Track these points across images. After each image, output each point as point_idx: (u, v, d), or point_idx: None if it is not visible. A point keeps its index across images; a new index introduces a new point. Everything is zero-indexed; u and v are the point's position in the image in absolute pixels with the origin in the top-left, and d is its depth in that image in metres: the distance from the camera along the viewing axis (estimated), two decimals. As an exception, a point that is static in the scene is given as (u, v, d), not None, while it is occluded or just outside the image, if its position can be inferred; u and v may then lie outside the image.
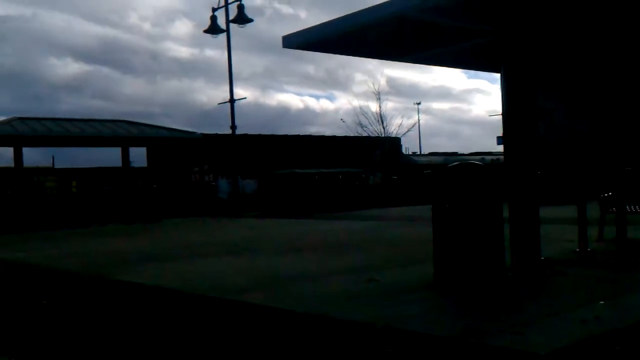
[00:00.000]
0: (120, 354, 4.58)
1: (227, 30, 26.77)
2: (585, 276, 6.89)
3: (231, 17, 25.97)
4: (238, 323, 5.54)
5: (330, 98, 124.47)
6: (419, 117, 68.61)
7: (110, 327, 5.58)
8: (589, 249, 8.76)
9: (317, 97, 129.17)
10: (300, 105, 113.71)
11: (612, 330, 4.53)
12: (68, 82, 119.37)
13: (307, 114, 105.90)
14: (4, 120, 24.28)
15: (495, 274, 6.49)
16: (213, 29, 26.23)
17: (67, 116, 25.46)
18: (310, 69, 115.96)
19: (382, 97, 75.58)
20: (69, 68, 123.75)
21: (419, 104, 72.98)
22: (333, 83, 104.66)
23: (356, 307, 5.79)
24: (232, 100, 27.77)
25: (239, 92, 27.77)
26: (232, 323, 5.55)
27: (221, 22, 26.37)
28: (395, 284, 6.95)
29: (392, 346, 4.35)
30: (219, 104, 30.00)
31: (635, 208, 9.56)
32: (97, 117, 27.71)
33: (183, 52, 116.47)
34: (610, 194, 9.66)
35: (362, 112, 46.01)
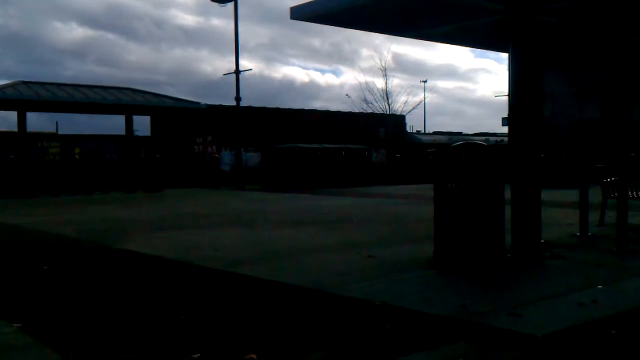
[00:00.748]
0: (116, 321, 4.60)
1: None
2: (585, 260, 6.88)
3: (239, -14, 25.71)
4: (236, 295, 5.55)
5: (336, 73, 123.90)
6: (424, 95, 68.47)
7: (109, 296, 5.60)
8: (589, 234, 8.76)
9: (323, 72, 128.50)
10: (306, 79, 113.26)
11: (609, 315, 4.53)
12: (72, 47, 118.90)
13: (312, 88, 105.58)
14: (9, 83, 24.21)
15: (494, 254, 6.48)
16: (221, -3, 26.00)
17: (71, 82, 25.41)
18: (316, 42, 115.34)
19: (387, 73, 75.14)
20: (74, 33, 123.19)
21: (425, 82, 72.62)
22: (339, 57, 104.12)
23: (354, 282, 5.80)
24: (237, 72, 27.62)
25: (244, 63, 27.63)
26: (230, 294, 5.57)
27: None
28: (395, 261, 6.96)
29: (389, 323, 4.36)
30: (224, 74, 29.81)
31: (637, 194, 9.53)
32: (100, 83, 27.68)
33: (188, 20, 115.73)
34: (612, 179, 9.62)
35: (368, 88, 45.76)
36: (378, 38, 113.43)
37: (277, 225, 11.04)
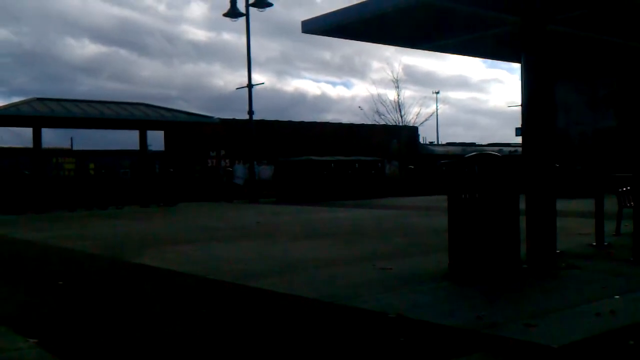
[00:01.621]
0: (131, 337, 4.61)
1: (247, 14, 26.67)
2: (601, 270, 6.82)
3: (251, 0, 25.86)
4: (250, 308, 5.55)
5: (347, 85, 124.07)
6: (437, 106, 68.12)
7: (124, 311, 5.61)
8: (605, 243, 8.69)
9: (334, 84, 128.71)
10: (317, 91, 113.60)
11: (626, 325, 4.49)
12: (85, 63, 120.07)
13: (323, 101, 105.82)
14: (23, 100, 24.46)
15: (510, 265, 6.44)
16: (233, 12, 26.11)
17: (84, 97, 25.62)
18: (327, 55, 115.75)
19: (400, 85, 75.17)
20: (86, 49, 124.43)
21: (437, 93, 72.54)
22: (349, 70, 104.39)
23: (369, 295, 5.78)
24: (250, 86, 27.74)
25: (255, 77, 27.81)
26: (245, 308, 5.57)
27: (240, 5, 26.29)
28: (409, 273, 6.94)
29: (404, 335, 4.34)
30: (237, 88, 29.94)
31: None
32: (113, 99, 27.83)
33: (199, 35, 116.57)
34: (628, 188, 9.54)
35: (380, 100, 45.75)
36: (388, 50, 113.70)
37: (291, 238, 11.04)
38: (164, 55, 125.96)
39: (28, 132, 24.72)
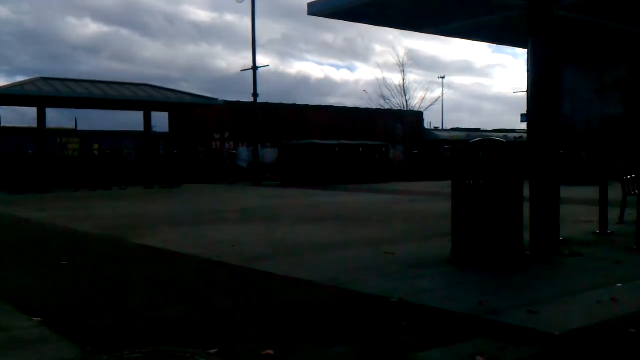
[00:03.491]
0: (134, 315, 4.63)
1: (253, -4, 26.55)
2: (604, 258, 6.82)
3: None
4: (253, 290, 5.57)
5: (351, 68, 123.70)
6: (442, 91, 68.08)
7: (127, 290, 5.64)
8: (609, 231, 8.68)
9: (337, 67, 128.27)
10: (320, 74, 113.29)
11: (628, 313, 4.49)
12: (87, 43, 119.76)
13: (327, 84, 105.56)
14: (28, 80, 24.43)
15: (512, 252, 6.44)
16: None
17: (86, 77, 25.53)
18: (330, 37, 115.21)
19: (405, 69, 74.68)
20: (88, 29, 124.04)
21: (443, 77, 72.24)
22: (352, 53, 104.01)
23: (371, 279, 5.79)
24: (254, 68, 27.68)
25: (258, 59, 27.64)
26: (248, 290, 5.59)
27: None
28: (412, 258, 6.94)
29: (406, 319, 4.35)
30: (241, 70, 29.90)
31: (658, 191, 9.41)
32: (115, 79, 27.77)
33: (201, 15, 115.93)
34: (633, 176, 9.52)
35: (385, 84, 45.58)
36: (392, 33, 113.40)
37: (294, 221, 11.06)
38: (165, 36, 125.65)
39: (32, 111, 24.76)
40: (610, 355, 3.70)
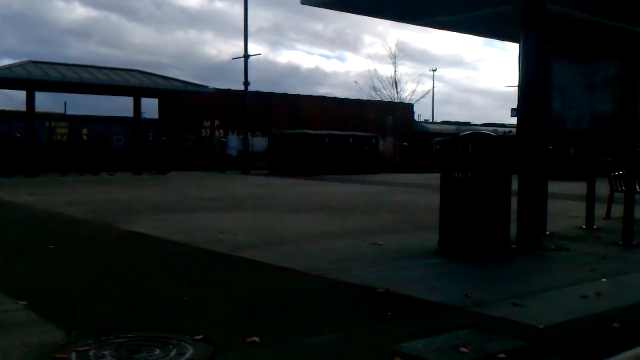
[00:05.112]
0: (121, 300, 4.62)
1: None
2: (590, 253, 6.87)
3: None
4: (240, 278, 5.57)
5: (341, 59, 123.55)
6: (434, 84, 68.08)
7: (114, 275, 5.62)
8: (595, 227, 8.74)
9: (328, 58, 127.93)
10: (311, 64, 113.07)
11: (612, 308, 4.53)
12: (75, 27, 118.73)
13: (317, 74, 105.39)
14: (18, 63, 24.21)
15: (499, 245, 6.48)
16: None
17: (75, 62, 25.28)
18: (320, 27, 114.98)
19: (397, 61, 74.63)
20: (77, 13, 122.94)
21: (434, 70, 72.24)
22: (341, 43, 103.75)
23: (358, 269, 5.81)
24: (246, 56, 27.58)
25: (249, 47, 27.53)
26: (235, 278, 5.59)
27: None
28: (399, 249, 6.97)
29: (392, 310, 4.37)
30: (233, 59, 29.76)
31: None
32: (105, 64, 27.55)
33: (191, 2, 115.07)
34: (620, 172, 9.58)
35: (377, 75, 45.53)
36: (382, 24, 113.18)
37: (282, 211, 11.06)
38: (155, 22, 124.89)
39: (21, 95, 24.51)
40: (593, 349, 3.73)
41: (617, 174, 9.73)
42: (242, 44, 27.64)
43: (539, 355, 3.53)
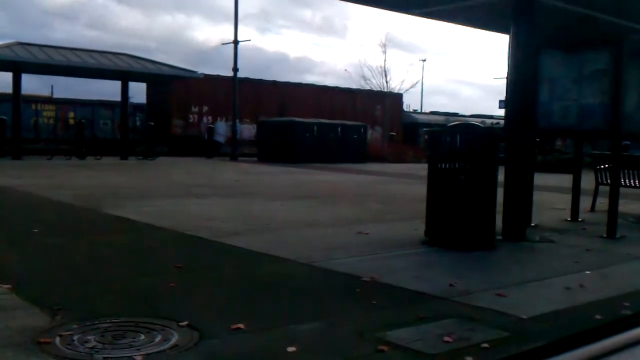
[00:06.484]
0: (106, 285, 4.61)
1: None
2: (574, 245, 6.93)
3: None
4: (226, 265, 5.57)
5: (330, 47, 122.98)
6: (423, 74, 68.04)
7: (99, 260, 5.61)
8: (580, 219, 8.81)
9: (317, 45, 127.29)
10: (299, 52, 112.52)
11: (595, 300, 4.58)
12: (61, 9, 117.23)
13: (306, 62, 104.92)
14: (4, 44, 23.91)
15: (485, 236, 6.51)
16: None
17: (61, 44, 24.98)
18: (307, 13, 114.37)
19: (386, 50, 74.44)
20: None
21: (424, 60, 72.16)
22: (330, 30, 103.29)
23: (344, 258, 5.82)
24: (235, 42, 27.43)
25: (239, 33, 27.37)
26: (221, 265, 5.59)
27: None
28: (385, 238, 6.99)
29: (377, 298, 4.39)
30: (223, 44, 29.62)
31: (629, 181, 9.57)
32: (91, 47, 27.27)
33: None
34: (606, 166, 9.65)
35: (366, 64, 45.28)
36: (371, 12, 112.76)
37: (269, 198, 11.05)
38: (142, 5, 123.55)
39: (6, 77, 24.20)
40: (575, 340, 3.77)
41: (602, 167, 9.80)
42: (230, 28, 27.54)
43: (521, 345, 3.56)
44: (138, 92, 31.02)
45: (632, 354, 0.83)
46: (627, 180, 9.53)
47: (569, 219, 8.83)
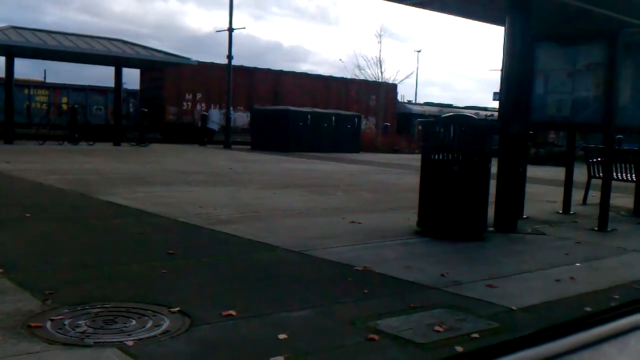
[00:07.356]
0: (97, 269, 4.61)
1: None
2: (565, 237, 6.96)
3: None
4: (218, 252, 5.57)
5: (324, 36, 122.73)
6: (417, 65, 67.95)
7: (91, 244, 5.60)
8: (571, 212, 8.84)
9: (311, 34, 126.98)
10: (293, 40, 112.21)
11: (585, 292, 4.60)
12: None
13: (299, 51, 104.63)
14: (-2, 28, 23.72)
15: (477, 227, 6.54)
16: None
17: (52, 29, 24.80)
18: (302, 1, 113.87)
19: (382, 40, 74.30)
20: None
21: (419, 51, 71.98)
22: (323, 19, 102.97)
23: (336, 246, 5.83)
24: (230, 29, 27.31)
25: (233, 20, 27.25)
26: (213, 252, 5.58)
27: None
28: (378, 228, 7.00)
29: (368, 287, 4.40)
30: (217, 31, 29.43)
31: (621, 175, 9.61)
32: (83, 32, 27.08)
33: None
34: (598, 159, 9.69)
35: (361, 53, 45.24)
36: (365, 1, 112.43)
37: (262, 186, 11.04)
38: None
39: (0, 61, 24.03)
40: (565, 331, 3.79)
41: (595, 160, 9.83)
42: (223, 15, 27.48)
43: (511, 335, 3.58)
44: (132, 78, 30.88)
45: (622, 342, 0.83)
46: (619, 174, 9.57)
47: (561, 211, 8.87)
